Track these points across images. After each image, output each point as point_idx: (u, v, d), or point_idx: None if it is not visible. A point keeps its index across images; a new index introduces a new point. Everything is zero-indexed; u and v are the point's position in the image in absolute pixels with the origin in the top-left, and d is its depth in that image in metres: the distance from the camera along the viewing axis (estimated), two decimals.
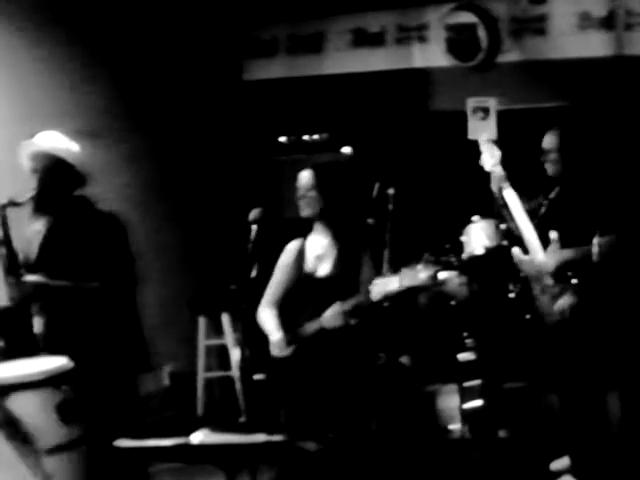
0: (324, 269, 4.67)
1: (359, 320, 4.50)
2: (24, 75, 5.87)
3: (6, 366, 4.04)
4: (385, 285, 4.35)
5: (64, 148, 4.38)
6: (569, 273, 4.50)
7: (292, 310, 4.72)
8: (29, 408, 3.80)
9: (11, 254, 4.27)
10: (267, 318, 4.75)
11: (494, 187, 4.75)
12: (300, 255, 4.76)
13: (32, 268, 4.30)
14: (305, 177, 4.66)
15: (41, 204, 4.34)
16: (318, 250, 4.71)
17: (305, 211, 4.68)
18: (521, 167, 4.81)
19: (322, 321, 4.52)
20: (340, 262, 4.62)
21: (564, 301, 4.51)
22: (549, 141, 4.74)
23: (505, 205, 4.71)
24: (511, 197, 4.66)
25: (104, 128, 6.29)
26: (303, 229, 4.98)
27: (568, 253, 4.53)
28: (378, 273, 4.52)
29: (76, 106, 6.15)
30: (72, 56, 6.22)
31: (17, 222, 4.39)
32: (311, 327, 4.58)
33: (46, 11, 6.01)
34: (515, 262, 4.72)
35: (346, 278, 4.55)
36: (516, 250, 4.68)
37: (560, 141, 4.70)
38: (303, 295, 4.70)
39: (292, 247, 4.81)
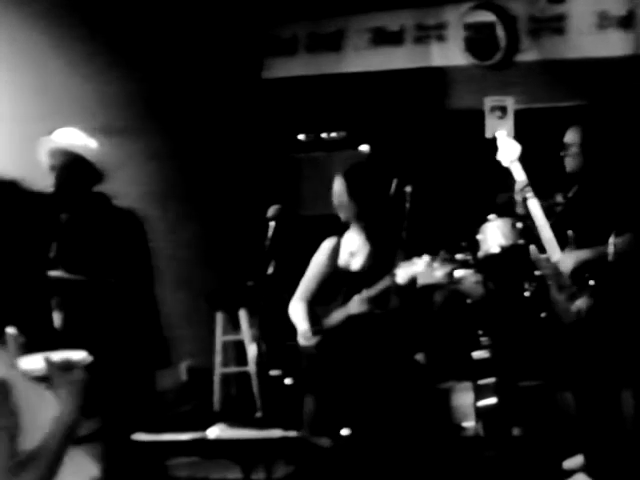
0: (357, 263, 4.73)
1: (384, 310, 4.55)
2: (45, 73, 5.92)
3: (27, 359, 4.08)
4: (411, 267, 4.40)
5: (82, 145, 4.40)
6: (586, 274, 4.51)
7: (325, 301, 4.78)
8: None
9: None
10: (296, 310, 4.82)
11: (518, 197, 4.75)
12: (334, 252, 4.82)
13: (50, 264, 4.35)
14: (338, 183, 4.73)
15: (59, 200, 4.38)
16: (352, 247, 4.78)
17: (341, 215, 4.77)
18: (539, 166, 4.82)
19: (349, 308, 4.58)
20: (372, 257, 4.68)
21: (581, 302, 4.51)
22: (571, 136, 4.74)
23: (527, 214, 4.71)
24: (535, 207, 4.66)
25: (124, 125, 6.32)
26: (321, 226, 5.02)
27: (586, 253, 4.53)
28: None
29: (96, 103, 6.19)
30: (93, 54, 6.26)
31: None
32: (337, 316, 4.64)
33: (67, 8, 6.05)
34: (532, 261, 4.73)
35: (378, 272, 4.60)
36: (533, 249, 4.69)
37: (582, 137, 4.70)
38: (335, 288, 4.76)
39: (327, 244, 4.88)
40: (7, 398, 2.14)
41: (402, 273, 4.42)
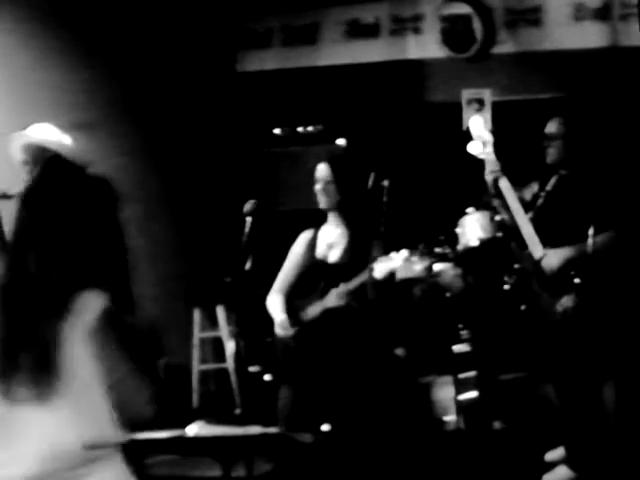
0: (334, 255, 4.72)
1: (361, 303, 4.54)
2: (18, 68, 5.85)
3: None
4: (388, 262, 4.39)
5: (56, 140, 4.36)
6: (571, 272, 4.49)
7: (302, 294, 4.77)
8: None
9: (4, 246, 4.25)
10: (274, 302, 4.81)
11: (488, 177, 4.73)
12: (311, 245, 4.82)
13: None
14: (322, 170, 4.70)
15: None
16: (330, 238, 4.76)
17: (322, 203, 4.73)
18: (516, 158, 4.81)
19: (326, 301, 4.56)
20: (350, 249, 4.68)
21: (566, 300, 4.50)
22: (554, 127, 4.72)
23: (499, 195, 4.70)
24: (506, 187, 4.65)
25: (97, 120, 6.27)
26: (298, 221, 4.99)
27: (570, 251, 4.52)
28: None
29: (70, 98, 6.13)
30: (66, 48, 6.20)
31: (9, 215, 4.36)
32: (315, 309, 4.63)
33: (40, 3, 5.98)
34: (511, 254, 4.72)
35: (355, 265, 4.60)
36: (514, 246, 4.68)
37: (565, 128, 4.69)
38: (313, 280, 4.75)
39: (304, 237, 4.87)
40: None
41: (380, 268, 4.42)
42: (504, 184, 4.65)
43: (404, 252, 4.41)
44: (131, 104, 6.71)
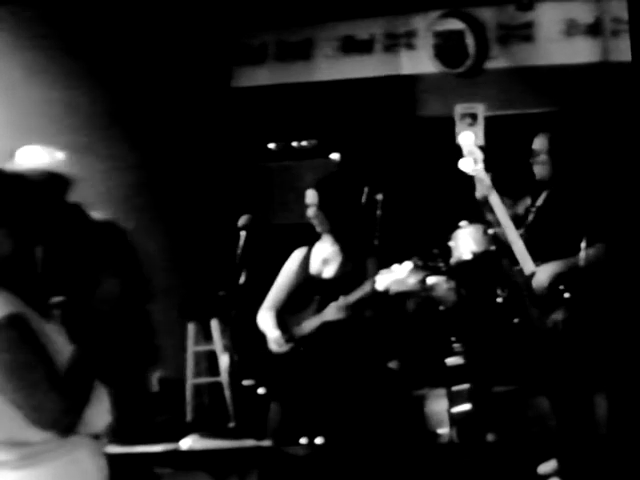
0: (329, 271, 4.73)
1: (359, 316, 4.55)
2: (17, 89, 5.88)
3: None
4: (390, 275, 4.41)
5: (47, 162, 4.37)
6: (561, 286, 4.51)
7: (296, 310, 4.77)
8: None
9: None
10: (265, 318, 4.81)
11: (478, 194, 4.76)
12: (305, 262, 4.82)
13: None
14: (310, 196, 4.73)
15: None
16: (324, 254, 4.77)
17: (316, 227, 4.75)
18: (508, 173, 4.83)
19: (324, 314, 4.57)
20: (345, 266, 4.68)
21: (557, 315, 4.52)
22: (540, 143, 4.75)
23: (491, 212, 4.73)
24: (496, 204, 4.67)
25: (93, 134, 6.29)
26: (292, 235, 5.01)
27: (559, 266, 4.54)
28: None
29: (66, 112, 6.16)
30: (58, 65, 6.23)
31: None
32: (311, 324, 4.63)
33: (39, 25, 6.02)
34: (504, 268, 4.74)
35: (350, 280, 4.60)
36: (506, 262, 4.70)
37: (550, 143, 4.72)
38: (306, 295, 4.75)
39: (298, 254, 4.87)
40: (28, 327, 2.30)
41: (382, 279, 4.42)
42: (494, 200, 4.68)
43: (407, 264, 4.43)
44: (126, 120, 6.73)
